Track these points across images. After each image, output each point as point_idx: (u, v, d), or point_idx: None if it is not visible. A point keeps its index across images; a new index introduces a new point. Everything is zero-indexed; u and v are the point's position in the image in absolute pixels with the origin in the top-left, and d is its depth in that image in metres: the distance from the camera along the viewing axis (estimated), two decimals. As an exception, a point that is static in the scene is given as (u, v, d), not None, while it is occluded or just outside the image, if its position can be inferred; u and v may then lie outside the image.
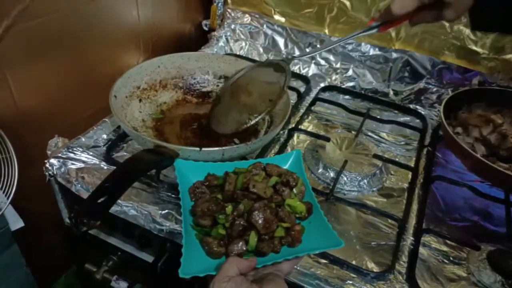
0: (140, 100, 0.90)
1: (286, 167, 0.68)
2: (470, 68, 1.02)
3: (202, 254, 0.55)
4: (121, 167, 0.60)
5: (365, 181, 0.82)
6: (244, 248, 0.54)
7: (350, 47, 1.11)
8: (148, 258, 0.77)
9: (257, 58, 1.19)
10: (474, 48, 1.00)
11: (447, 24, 1.00)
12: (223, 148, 0.67)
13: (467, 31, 0.99)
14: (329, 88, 1.11)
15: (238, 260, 0.51)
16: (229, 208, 0.57)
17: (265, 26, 1.19)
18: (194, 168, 0.66)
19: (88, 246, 0.85)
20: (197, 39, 1.30)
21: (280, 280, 0.50)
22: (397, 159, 0.89)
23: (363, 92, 1.10)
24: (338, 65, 1.13)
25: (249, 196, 0.59)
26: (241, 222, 0.56)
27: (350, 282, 0.63)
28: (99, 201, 0.51)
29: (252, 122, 0.79)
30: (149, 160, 0.61)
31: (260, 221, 0.55)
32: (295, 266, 0.60)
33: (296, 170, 0.67)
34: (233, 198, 0.60)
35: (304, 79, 1.13)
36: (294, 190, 0.63)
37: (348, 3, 1.08)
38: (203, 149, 0.65)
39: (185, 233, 0.56)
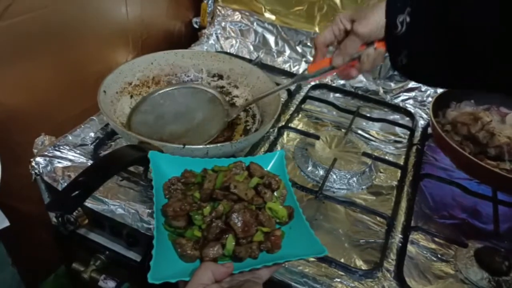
0: (132, 96, 0.89)
1: (268, 168, 0.65)
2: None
3: (174, 257, 0.52)
4: (97, 162, 0.59)
5: (355, 179, 0.82)
6: (221, 252, 0.51)
7: (340, 45, 1.11)
8: (136, 257, 0.77)
9: (247, 56, 1.18)
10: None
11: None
12: (207, 146, 0.67)
13: (456, 29, 0.99)
14: (320, 86, 1.10)
15: (213, 266, 0.47)
16: (206, 209, 0.54)
17: (255, 24, 1.19)
18: (170, 161, 0.62)
19: (75, 245, 0.84)
20: (187, 37, 1.29)
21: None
22: (386, 157, 0.90)
23: (353, 90, 1.10)
24: (329, 63, 1.13)
25: (229, 196, 0.56)
26: (219, 224, 0.53)
27: (338, 280, 0.62)
28: (73, 194, 0.50)
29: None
30: (127, 156, 0.60)
31: (239, 224, 0.53)
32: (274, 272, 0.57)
33: (279, 171, 0.65)
34: (211, 197, 0.57)
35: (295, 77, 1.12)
36: (275, 193, 0.61)
37: (338, 1, 1.08)
38: (186, 146, 0.65)
39: (156, 234, 0.52)
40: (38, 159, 0.76)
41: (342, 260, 0.65)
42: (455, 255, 0.69)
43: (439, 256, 0.69)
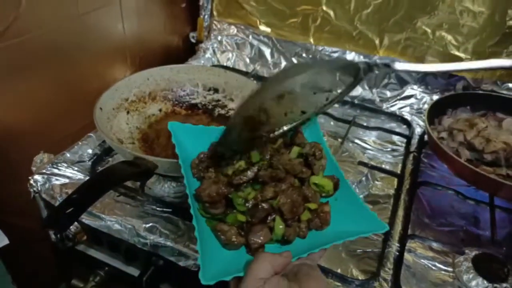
0: (128, 112, 0.90)
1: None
2: (454, 73, 1.03)
3: (216, 244, 0.47)
4: (91, 179, 0.60)
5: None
6: (269, 237, 0.46)
7: (335, 55, 1.12)
8: (135, 272, 0.77)
9: (244, 69, 1.20)
10: (456, 53, 1.01)
11: (429, 30, 1.01)
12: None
13: (449, 36, 1.00)
14: (316, 96, 1.11)
15: (271, 258, 0.42)
16: (251, 194, 0.48)
17: (251, 37, 1.20)
18: (193, 133, 0.54)
19: (75, 262, 0.85)
20: (185, 52, 1.31)
21: (316, 273, 0.44)
22: (383, 166, 0.90)
23: (349, 99, 1.11)
24: (324, 74, 1.14)
25: (273, 174, 0.49)
26: (265, 207, 0.47)
27: (335, 290, 0.62)
28: (67, 211, 0.50)
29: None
30: (121, 172, 0.60)
31: (286, 206, 0.47)
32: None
33: (316, 138, 0.58)
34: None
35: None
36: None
37: (331, 13, 1.09)
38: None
39: (196, 224, 0.45)
40: (36, 177, 0.77)
41: (338, 271, 0.65)
42: (453, 263, 0.68)
43: (436, 264, 0.69)
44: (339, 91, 0.56)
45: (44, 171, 0.78)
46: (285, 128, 0.53)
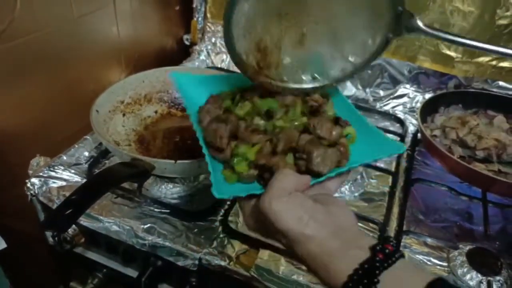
0: (124, 115, 0.90)
1: None
2: (446, 72, 1.05)
3: None
4: (89, 180, 0.61)
5: (347, 186, 0.82)
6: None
7: (328, 56, 1.13)
8: (133, 273, 0.77)
9: (237, 70, 1.20)
10: (448, 52, 1.02)
11: (420, 30, 1.02)
12: (199, 160, 0.68)
13: (440, 36, 1.01)
14: (310, 96, 1.12)
15: (293, 174, 0.41)
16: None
17: (245, 38, 1.21)
18: (195, 82, 0.54)
19: (73, 265, 0.85)
20: (179, 54, 1.31)
21: (335, 200, 0.43)
22: (377, 164, 0.91)
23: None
24: (318, 74, 1.15)
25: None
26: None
27: (332, 287, 0.63)
28: (66, 213, 0.51)
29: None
30: (119, 173, 0.61)
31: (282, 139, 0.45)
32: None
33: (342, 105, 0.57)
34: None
35: (285, 89, 1.14)
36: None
37: (324, 13, 1.10)
38: (178, 161, 0.66)
39: (206, 151, 0.46)
40: (33, 180, 0.77)
41: (336, 267, 0.66)
42: (448, 257, 0.69)
43: (431, 259, 0.70)
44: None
45: (41, 174, 0.78)
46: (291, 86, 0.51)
